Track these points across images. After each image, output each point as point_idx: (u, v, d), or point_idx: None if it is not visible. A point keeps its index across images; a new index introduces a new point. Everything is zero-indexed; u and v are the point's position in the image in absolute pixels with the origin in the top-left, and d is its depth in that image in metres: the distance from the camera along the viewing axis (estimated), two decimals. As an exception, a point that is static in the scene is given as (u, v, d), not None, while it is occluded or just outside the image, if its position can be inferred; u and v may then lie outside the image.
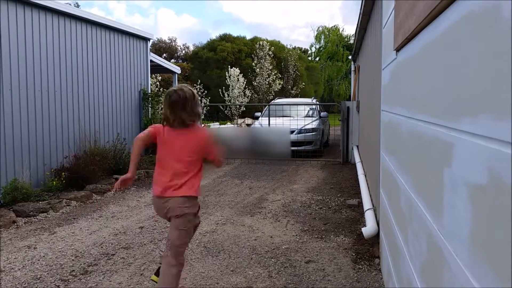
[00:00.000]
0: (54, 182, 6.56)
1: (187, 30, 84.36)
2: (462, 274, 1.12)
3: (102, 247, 4.30)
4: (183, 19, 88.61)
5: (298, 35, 79.72)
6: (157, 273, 3.04)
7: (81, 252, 4.15)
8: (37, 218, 5.37)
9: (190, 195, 2.85)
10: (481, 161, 1.01)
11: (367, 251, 4.08)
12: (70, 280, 3.51)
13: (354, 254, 4.02)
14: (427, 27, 1.66)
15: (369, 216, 4.38)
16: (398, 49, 2.52)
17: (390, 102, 3.01)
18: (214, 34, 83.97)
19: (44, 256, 4.05)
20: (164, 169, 2.91)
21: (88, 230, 4.89)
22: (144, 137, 2.96)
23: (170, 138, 2.91)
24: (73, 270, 3.71)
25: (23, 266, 3.81)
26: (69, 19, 7.73)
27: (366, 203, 4.95)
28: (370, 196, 5.26)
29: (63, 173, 6.75)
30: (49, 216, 5.49)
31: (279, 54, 31.26)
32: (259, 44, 27.57)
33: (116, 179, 7.40)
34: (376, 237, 4.03)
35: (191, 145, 2.90)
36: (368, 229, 4.08)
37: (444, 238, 1.34)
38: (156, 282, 2.95)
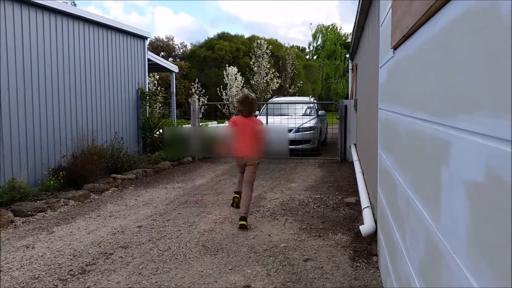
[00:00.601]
0: (52, 182, 6.55)
1: (185, 28, 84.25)
2: (460, 272, 1.13)
3: (100, 247, 4.29)
4: (180, 18, 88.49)
5: (296, 33, 79.72)
6: (233, 204, 5.18)
7: (79, 252, 4.15)
8: (35, 218, 5.36)
9: (255, 154, 5.03)
10: (478, 159, 1.01)
11: (365, 249, 4.09)
12: (68, 280, 3.51)
13: (352, 252, 4.03)
14: (424, 25, 1.66)
15: (367, 214, 4.39)
16: (395, 47, 2.52)
17: (388, 100, 3.01)
18: (212, 33, 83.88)
19: (42, 256, 4.05)
20: (242, 141, 4.93)
21: (86, 229, 4.89)
22: (232, 125, 5.02)
23: (242, 123, 4.95)
24: (71, 270, 3.71)
25: (21, 266, 3.80)
26: (66, 17, 7.71)
27: (364, 201, 4.96)
28: (368, 194, 5.26)
29: (61, 173, 6.74)
30: (47, 215, 5.48)
31: (277, 53, 31.24)
32: (257, 43, 27.54)
33: (114, 178, 7.42)
34: (374, 235, 4.04)
35: (252, 127, 4.96)
36: (366, 227, 4.09)
37: (442, 236, 1.35)
38: (238, 208, 5.05)
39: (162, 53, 41.00)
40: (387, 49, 2.93)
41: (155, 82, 17.74)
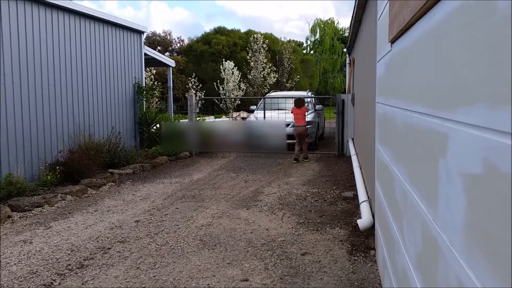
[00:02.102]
0: (49, 177, 6.54)
1: (180, 23, 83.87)
2: (457, 264, 1.13)
3: (98, 241, 4.29)
4: (175, 12, 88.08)
5: (292, 27, 79.44)
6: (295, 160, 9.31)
7: (77, 246, 4.15)
8: (32, 213, 5.36)
9: (306, 126, 9.50)
10: (475, 151, 1.01)
11: (363, 242, 4.11)
12: (66, 274, 3.51)
13: (349, 246, 4.04)
14: (422, 18, 1.66)
15: (364, 208, 4.40)
16: (392, 41, 2.52)
17: (385, 94, 3.01)
18: (207, 27, 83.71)
19: (40, 251, 4.05)
20: (297, 118, 9.37)
21: (83, 224, 4.89)
22: (292, 111, 9.56)
23: (297, 110, 9.41)
24: (69, 264, 3.71)
25: (19, 261, 3.80)
26: (62, 12, 7.66)
27: (362, 195, 4.97)
28: (365, 188, 5.28)
29: (58, 168, 6.73)
30: (44, 210, 5.48)
31: (274, 47, 31.16)
32: (254, 37, 27.46)
33: (111, 173, 7.41)
34: (371, 228, 4.05)
35: (303, 111, 9.38)
36: (363, 221, 4.10)
37: (439, 229, 1.35)
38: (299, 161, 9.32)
39: (158, 48, 40.84)
40: (385, 43, 2.93)
41: (152, 76, 17.67)
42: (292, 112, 9.57)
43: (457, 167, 1.17)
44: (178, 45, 44.68)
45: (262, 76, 27.11)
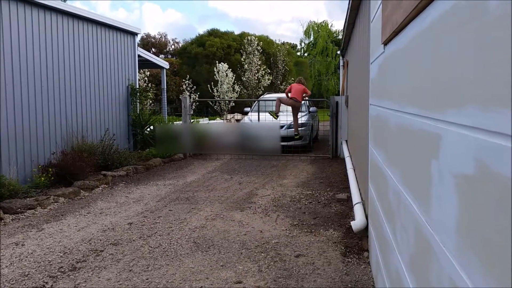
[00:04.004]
0: (42, 179, 6.49)
1: (172, 25, 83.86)
2: (450, 265, 1.13)
3: (90, 244, 4.27)
4: (168, 14, 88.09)
5: (285, 30, 79.69)
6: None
7: (69, 249, 4.12)
8: (24, 215, 5.31)
9: (300, 102, 10.47)
10: (468, 152, 1.01)
11: (356, 244, 4.11)
12: (58, 277, 3.48)
13: (343, 248, 4.05)
14: (414, 20, 1.67)
15: (358, 210, 4.41)
16: (385, 43, 2.53)
17: (378, 96, 3.02)
18: (200, 29, 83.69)
19: (32, 253, 4.01)
20: (294, 92, 10.29)
21: (76, 226, 4.85)
22: (290, 87, 10.61)
23: (295, 86, 10.44)
24: (62, 267, 3.68)
25: (11, 263, 3.77)
26: (55, 13, 7.63)
27: (355, 197, 4.98)
28: (359, 190, 5.28)
29: (50, 170, 6.68)
30: (36, 212, 5.44)
31: (268, 50, 31.19)
32: (248, 39, 27.47)
33: (104, 175, 7.38)
34: (365, 230, 4.06)
35: (300, 88, 10.36)
36: (357, 223, 4.10)
37: (432, 230, 1.35)
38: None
39: (153, 50, 40.76)
40: (378, 45, 2.94)
41: (146, 78, 17.63)
42: (291, 87, 10.44)
43: (449, 168, 1.17)
44: (173, 47, 44.61)
45: (256, 78, 27.11)
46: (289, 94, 10.56)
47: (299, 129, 10.75)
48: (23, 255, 3.96)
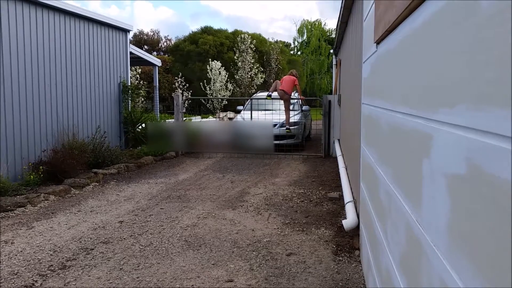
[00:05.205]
0: (32, 176, 6.43)
1: (164, 22, 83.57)
2: (440, 265, 1.13)
3: (81, 242, 4.23)
4: (160, 11, 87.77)
5: (277, 28, 79.73)
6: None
7: (59, 247, 4.09)
8: (14, 213, 5.26)
9: (290, 95, 10.70)
10: (459, 151, 1.01)
11: (348, 243, 4.12)
12: (48, 275, 3.45)
13: (334, 246, 4.05)
14: (407, 19, 1.67)
15: (349, 209, 4.42)
16: (378, 42, 2.53)
17: (371, 95, 3.02)
18: (192, 27, 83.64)
19: (21, 251, 3.97)
20: (284, 84, 10.64)
21: (66, 224, 4.82)
22: (281, 80, 10.94)
23: (286, 78, 10.83)
24: (52, 265, 3.65)
25: (0, 262, 3.73)
26: (46, 10, 7.55)
27: (347, 196, 4.99)
28: (351, 189, 5.30)
29: (41, 167, 6.62)
30: (27, 210, 5.39)
31: (261, 48, 31.18)
32: (241, 37, 27.44)
33: (95, 173, 7.33)
34: (356, 229, 4.07)
35: (291, 80, 10.76)
36: (348, 222, 4.11)
37: (423, 229, 1.35)
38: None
39: (145, 47, 40.56)
40: (370, 44, 2.94)
41: (138, 76, 17.54)
42: (281, 81, 10.86)
43: (440, 168, 1.17)
44: (165, 44, 44.43)
45: (249, 76, 27.10)
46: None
47: (291, 127, 10.76)
48: (13, 253, 3.92)
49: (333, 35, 34.99)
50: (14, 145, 6.78)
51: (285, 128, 10.69)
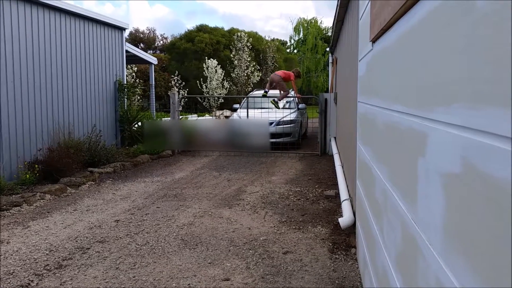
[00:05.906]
0: (28, 175, 6.41)
1: (160, 20, 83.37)
2: (435, 263, 1.13)
3: (77, 241, 4.22)
4: (155, 9, 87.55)
5: (273, 26, 79.74)
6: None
7: (55, 246, 4.07)
8: (10, 212, 5.24)
9: (282, 80, 10.11)
10: (454, 150, 1.01)
11: (344, 241, 4.12)
12: (44, 275, 3.44)
13: (331, 244, 4.06)
14: (402, 18, 1.67)
15: (345, 207, 4.43)
16: (374, 40, 2.53)
17: (367, 93, 3.02)
18: (188, 25, 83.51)
19: (17, 251, 3.96)
20: (281, 73, 10.25)
21: (62, 223, 4.80)
22: (278, 72, 10.37)
23: (282, 71, 10.39)
24: (48, 265, 3.64)
25: (-5, 262, 3.71)
26: (42, 8, 7.51)
27: (343, 194, 4.99)
28: (347, 187, 5.30)
29: (36, 166, 6.60)
30: (22, 209, 5.37)
31: (258, 46, 31.16)
32: (237, 36, 27.40)
33: (91, 172, 7.30)
34: (352, 227, 4.07)
35: (287, 73, 10.25)
36: (344, 220, 4.12)
37: (418, 228, 1.35)
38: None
39: (141, 45, 40.45)
40: (366, 42, 2.94)
41: (133, 74, 17.49)
42: (279, 71, 10.87)
43: (436, 167, 1.17)
44: (161, 42, 44.33)
45: (245, 74, 27.08)
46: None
47: (287, 125, 10.76)
48: (8, 253, 3.91)
49: (329, 33, 35.00)
50: (10, 144, 6.75)
51: (281, 126, 10.67)
